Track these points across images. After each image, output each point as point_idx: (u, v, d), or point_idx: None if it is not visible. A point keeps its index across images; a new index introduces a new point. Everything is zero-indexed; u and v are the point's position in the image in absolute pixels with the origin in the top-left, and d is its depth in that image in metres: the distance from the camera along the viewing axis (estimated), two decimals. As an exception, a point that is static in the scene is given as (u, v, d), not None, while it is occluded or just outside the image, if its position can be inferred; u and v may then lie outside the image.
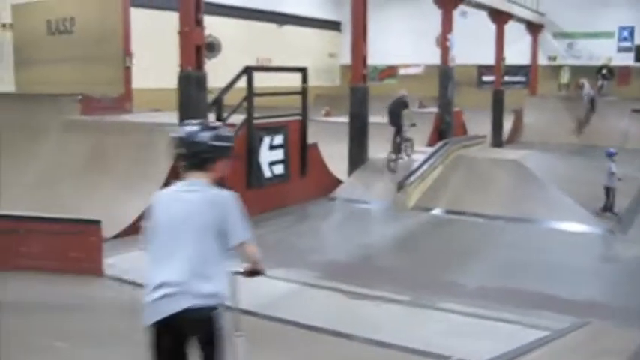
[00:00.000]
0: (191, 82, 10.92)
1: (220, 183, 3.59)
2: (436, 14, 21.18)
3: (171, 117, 13.13)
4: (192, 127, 3.61)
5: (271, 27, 27.99)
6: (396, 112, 16.00)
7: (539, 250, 11.05)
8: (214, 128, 3.71)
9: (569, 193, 13.86)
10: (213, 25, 17.41)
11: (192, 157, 3.58)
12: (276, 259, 9.96)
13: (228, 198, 3.62)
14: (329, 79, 31.37)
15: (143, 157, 12.32)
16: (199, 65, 10.91)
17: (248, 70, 12.45)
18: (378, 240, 11.97)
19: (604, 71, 26.88)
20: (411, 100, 28.16)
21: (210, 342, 3.49)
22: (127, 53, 15.42)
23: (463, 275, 9.56)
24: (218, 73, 11.47)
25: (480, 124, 24.11)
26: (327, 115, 24.00)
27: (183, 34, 10.81)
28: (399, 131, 15.82)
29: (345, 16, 32.16)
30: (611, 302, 8.39)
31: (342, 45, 32.23)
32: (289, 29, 28.92)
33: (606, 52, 27.21)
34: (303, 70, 14.00)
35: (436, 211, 13.68)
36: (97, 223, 8.92)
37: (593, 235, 12.12)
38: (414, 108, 26.78)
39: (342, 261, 10.29)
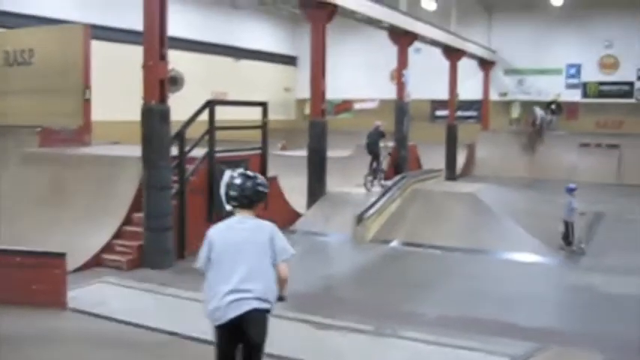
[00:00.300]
0: (154, 116, 10.99)
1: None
2: (391, 49, 21.70)
3: (131, 150, 13.23)
4: (242, 177, 4.80)
5: (228, 61, 28.21)
6: (374, 141, 17.55)
7: (496, 280, 11.33)
8: (256, 178, 4.84)
9: (524, 225, 14.26)
10: (171, 59, 17.52)
11: (243, 200, 4.73)
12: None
13: (272, 225, 4.71)
14: (284, 113, 31.67)
15: (104, 190, 12.34)
16: (163, 99, 11.00)
17: (210, 104, 12.60)
18: (339, 272, 12.13)
19: (553, 106, 27.79)
20: (366, 134, 28.87)
21: (259, 343, 4.53)
22: (87, 86, 15.41)
23: (423, 305, 9.77)
24: (174, 106, 11.57)
25: (433, 158, 24.67)
26: (284, 148, 24.26)
27: (147, 68, 10.90)
28: (375, 158, 17.32)
29: (301, 51, 32.72)
30: (568, 329, 8.69)
31: (297, 79, 32.71)
32: (246, 63, 29.19)
33: (555, 89, 28.17)
34: (263, 105, 14.19)
35: (394, 244, 13.89)
36: (61, 255, 8.87)
37: (547, 265, 12.49)
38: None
39: (306, 292, 10.32)
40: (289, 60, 32.73)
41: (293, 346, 7.44)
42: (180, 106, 11.63)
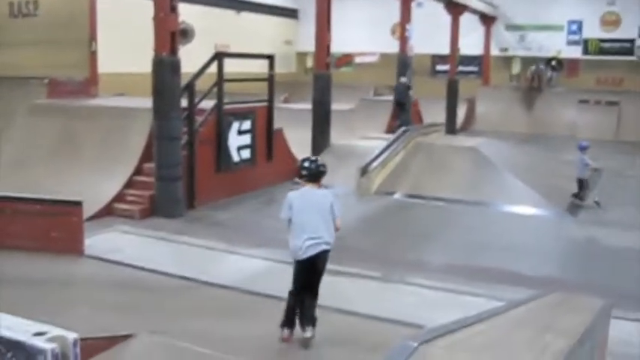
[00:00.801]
0: (166, 68, 11.13)
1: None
2: (392, 3, 21.69)
3: (139, 101, 13.39)
4: (309, 161, 6.59)
5: (229, 13, 28.09)
6: (402, 93, 20.24)
7: (499, 231, 11.64)
8: (317, 161, 6.68)
9: (524, 179, 14.54)
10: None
11: (312, 176, 6.43)
12: (252, 239, 10.45)
13: (331, 193, 6.56)
14: (285, 66, 31.60)
15: (114, 141, 12.53)
16: (173, 51, 11.13)
17: (218, 57, 12.72)
18: (345, 222, 12.33)
19: (553, 63, 27.88)
20: (367, 88, 28.98)
21: (323, 271, 6.28)
22: (93, 38, 15.50)
23: (428, 254, 10.10)
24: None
25: (434, 113, 24.79)
26: (286, 101, 24.36)
27: (157, 20, 10.99)
28: (402, 108, 19.65)
29: (302, 4, 32.54)
30: (570, 278, 9.02)
31: (298, 32, 32.61)
32: (247, 16, 29.07)
33: (556, 45, 28.18)
34: (270, 58, 14.32)
35: (398, 195, 14.16)
36: (78, 204, 9.13)
37: (547, 218, 12.78)
38: (370, 96, 27.50)
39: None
40: (290, 13, 32.59)
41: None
42: (183, 58, 11.71)
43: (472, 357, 3.16)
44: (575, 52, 28.38)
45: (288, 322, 6.28)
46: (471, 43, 28.07)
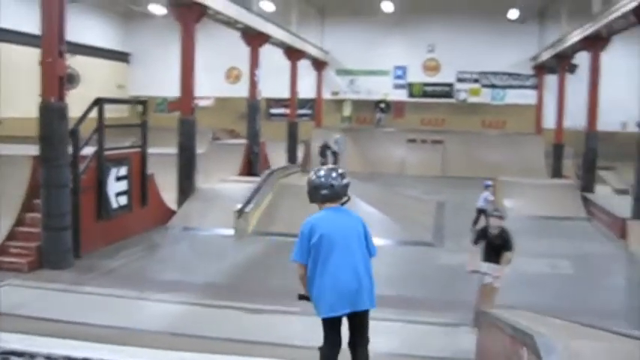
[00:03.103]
0: (53, 113, 10.83)
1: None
2: (226, 48, 22.15)
3: (13, 148, 12.82)
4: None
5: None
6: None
7: (380, 262, 12.38)
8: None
9: (385, 213, 15.57)
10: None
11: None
12: (155, 285, 10.37)
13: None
14: (118, 111, 31.01)
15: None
16: (61, 96, 10.87)
17: (99, 102, 12.53)
18: (237, 263, 12.59)
19: (382, 105, 29.71)
20: (204, 132, 29.10)
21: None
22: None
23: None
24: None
25: (275, 154, 25.50)
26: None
27: (45, 65, 10.71)
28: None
29: (133, 47, 32.25)
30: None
31: (130, 76, 32.23)
32: (80, 59, 28.27)
33: (383, 89, 30.13)
34: (143, 103, 14.29)
35: (274, 235, 14.52)
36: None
37: (417, 249, 13.81)
38: (209, 138, 27.67)
39: (220, 283, 10.90)
40: (121, 56, 32.14)
41: (234, 330, 8.02)
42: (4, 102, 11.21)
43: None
44: (401, 95, 30.53)
45: None
46: (304, 87, 29.24)
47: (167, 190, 16.39)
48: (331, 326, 4.62)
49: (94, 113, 12.46)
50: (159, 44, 30.91)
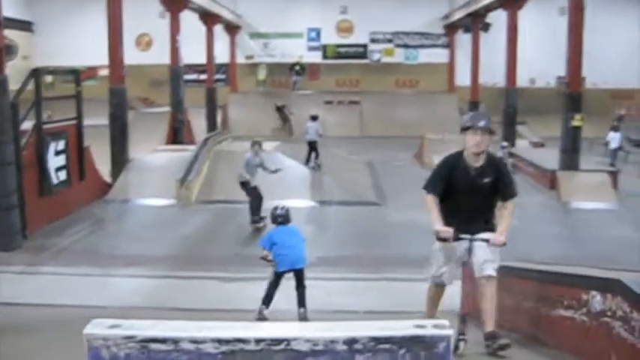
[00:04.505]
0: (-7, 88, 10.32)
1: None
2: (134, 15, 21.48)
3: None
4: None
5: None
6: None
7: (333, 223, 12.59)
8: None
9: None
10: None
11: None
12: (116, 261, 10.16)
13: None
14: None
15: None
16: (1, 69, 10.34)
17: (36, 74, 11.99)
18: (187, 232, 12.43)
19: (297, 68, 29.62)
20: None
21: None
22: None
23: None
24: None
25: (194, 120, 25.11)
26: (49, 118, 22.96)
27: (-18, 38, 10.15)
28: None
29: (36, 16, 30.72)
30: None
31: (35, 46, 30.75)
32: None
33: (298, 51, 30.00)
34: (75, 73, 13.77)
35: (217, 202, 14.40)
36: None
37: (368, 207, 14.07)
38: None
39: (175, 254, 10.79)
40: (24, 25, 30.53)
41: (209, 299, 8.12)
42: None
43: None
44: (316, 57, 30.53)
45: None
46: (218, 51, 28.73)
47: (99, 162, 15.94)
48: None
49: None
50: (64, 12, 29.67)
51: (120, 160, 15.80)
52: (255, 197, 12.43)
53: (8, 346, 5.97)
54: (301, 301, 7.13)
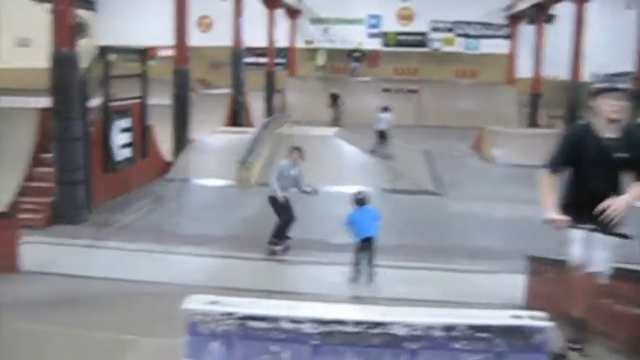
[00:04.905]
0: (67, 64, 10.48)
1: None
2: None
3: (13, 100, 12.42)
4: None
5: (30, 4, 26.21)
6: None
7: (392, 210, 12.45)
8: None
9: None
10: None
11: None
12: (176, 239, 10.27)
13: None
14: (86, 62, 30.18)
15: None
16: (73, 45, 10.50)
17: (105, 52, 12.16)
18: (246, 213, 12.48)
19: (356, 54, 29.46)
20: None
21: None
22: None
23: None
24: None
25: (252, 104, 25.21)
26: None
27: (57, 13, 10.31)
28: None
29: (101, -7, 31.17)
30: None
31: (97, 25, 31.22)
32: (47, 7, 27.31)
33: (358, 37, 29.81)
34: (142, 52, 13.92)
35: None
36: (12, 216, 8.45)
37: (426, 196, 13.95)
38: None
39: (238, 234, 10.83)
40: (86, 4, 31.00)
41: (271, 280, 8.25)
42: None
43: None
44: (376, 44, 30.28)
45: None
46: (278, 35, 28.77)
47: (160, 141, 16.14)
48: None
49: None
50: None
51: (181, 139, 15.98)
52: (287, 217, 9.93)
53: (75, 316, 6.08)
54: (370, 262, 8.50)
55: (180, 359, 2.76)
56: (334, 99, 25.85)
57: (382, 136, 17.83)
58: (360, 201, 8.71)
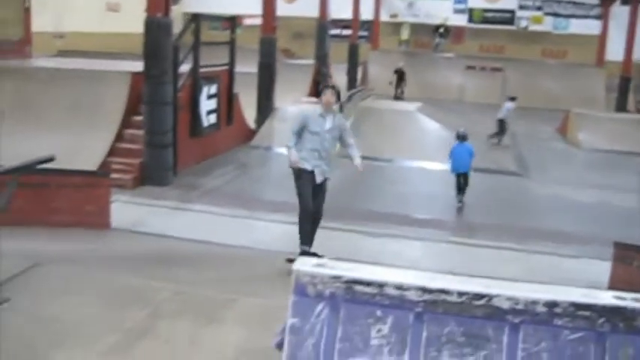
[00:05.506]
0: (160, 30, 10.71)
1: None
2: None
3: (106, 64, 12.77)
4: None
5: (122, -30, 26.90)
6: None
7: (484, 190, 12.33)
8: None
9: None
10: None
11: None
12: (262, 205, 10.43)
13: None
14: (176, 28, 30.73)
15: (87, 106, 11.82)
16: (167, 11, 10.73)
17: (196, 19, 12.37)
18: (330, 183, 12.50)
19: (441, 30, 29.09)
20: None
21: None
22: (26, -7, 14.46)
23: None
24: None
25: (334, 76, 25.22)
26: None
27: (152, -20, 10.55)
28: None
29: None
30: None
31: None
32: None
33: (443, 13, 29.40)
34: (232, 20, 14.11)
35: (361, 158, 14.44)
36: (106, 175, 8.75)
37: (508, 177, 13.72)
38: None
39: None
40: (176, -29, 31.54)
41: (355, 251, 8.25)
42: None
43: None
44: (461, 20, 29.84)
45: None
46: (363, 8, 28.62)
47: (245, 109, 16.35)
48: None
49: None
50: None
51: (266, 107, 16.16)
52: (305, 205, 7.45)
53: (171, 273, 6.30)
54: (462, 191, 10.78)
55: (282, 318, 2.85)
56: (400, 75, 25.12)
57: (501, 125, 17.33)
58: (461, 137, 10.84)
